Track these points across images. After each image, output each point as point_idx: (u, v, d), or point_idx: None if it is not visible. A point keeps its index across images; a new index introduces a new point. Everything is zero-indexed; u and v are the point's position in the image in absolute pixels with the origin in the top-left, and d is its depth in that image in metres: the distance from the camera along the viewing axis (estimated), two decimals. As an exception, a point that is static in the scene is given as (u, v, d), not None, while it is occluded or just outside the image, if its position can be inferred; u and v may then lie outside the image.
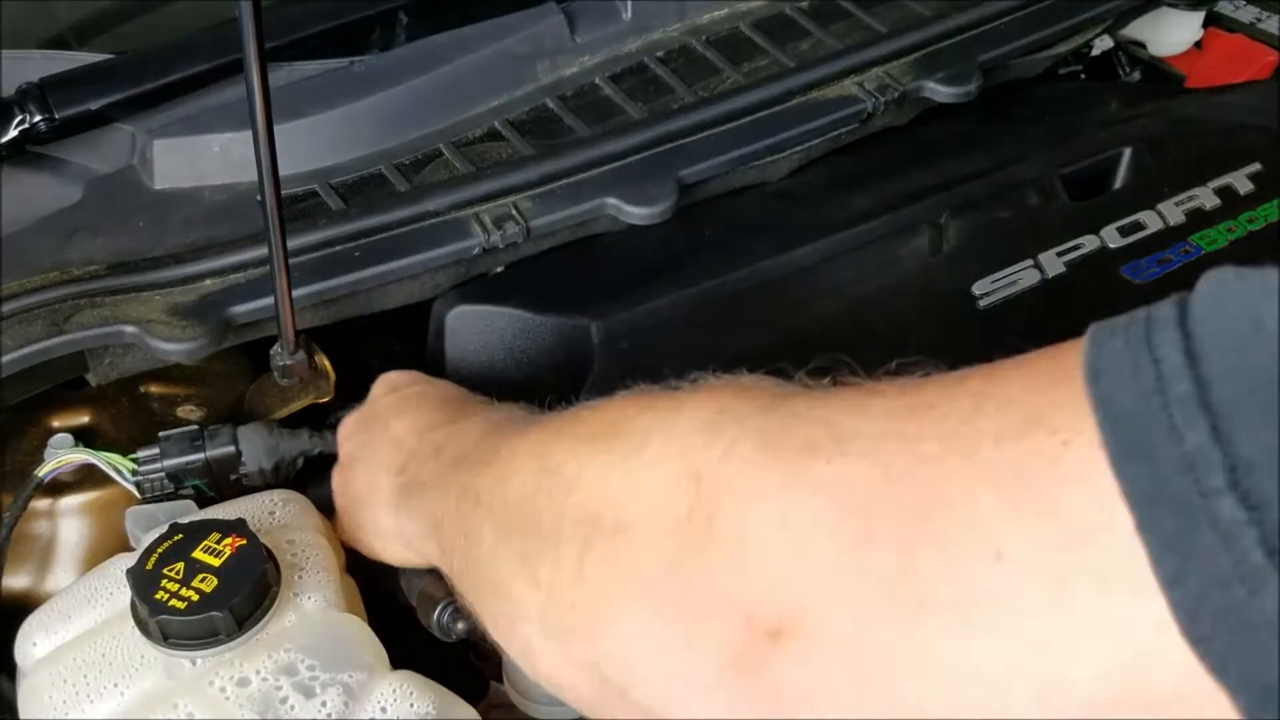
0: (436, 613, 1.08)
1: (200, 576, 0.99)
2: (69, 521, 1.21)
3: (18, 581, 1.20)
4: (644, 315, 1.18)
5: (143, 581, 0.99)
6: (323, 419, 1.40)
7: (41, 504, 1.20)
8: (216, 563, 1.00)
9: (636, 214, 1.23)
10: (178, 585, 0.99)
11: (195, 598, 0.98)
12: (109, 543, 1.21)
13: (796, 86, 1.33)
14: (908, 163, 1.38)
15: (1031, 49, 1.41)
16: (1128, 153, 1.39)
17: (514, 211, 1.22)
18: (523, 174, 1.23)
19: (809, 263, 1.23)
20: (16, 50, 1.36)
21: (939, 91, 1.34)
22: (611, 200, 1.23)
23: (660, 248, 1.26)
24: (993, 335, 1.09)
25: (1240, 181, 1.33)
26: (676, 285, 1.21)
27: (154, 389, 1.32)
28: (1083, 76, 1.71)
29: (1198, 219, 1.28)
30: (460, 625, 1.07)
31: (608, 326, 1.17)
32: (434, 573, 1.15)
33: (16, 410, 1.25)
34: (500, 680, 1.26)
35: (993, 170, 1.34)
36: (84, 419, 1.27)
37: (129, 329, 1.06)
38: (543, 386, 1.19)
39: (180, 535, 1.02)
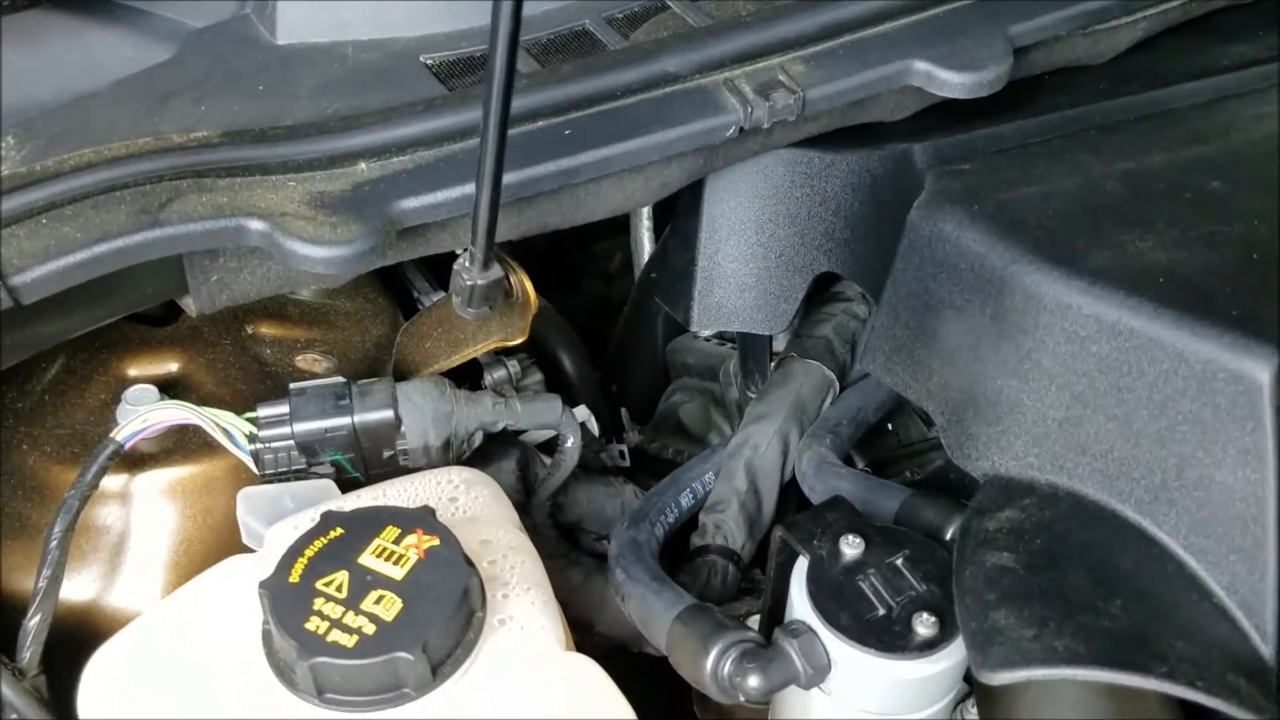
0: (714, 659, 0.72)
1: (377, 595, 0.64)
2: (149, 506, 0.88)
3: (77, 589, 0.86)
4: (981, 141, 0.92)
5: (286, 601, 0.64)
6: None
7: (112, 482, 0.87)
8: (398, 575, 0.66)
9: (956, 82, 0.90)
10: (341, 609, 0.64)
11: (370, 629, 0.63)
12: (206, 538, 0.89)
13: (1159, -80, 0.98)
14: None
15: None
16: None
17: (783, 76, 0.87)
18: (793, 24, 0.91)
19: (1200, 99, 0.96)
20: None
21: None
22: (920, 64, 0.91)
23: None
24: None
25: None
26: (1022, 112, 0.94)
27: (265, 329, 1.00)
28: None
29: None
30: (755, 682, 0.70)
31: (937, 148, 0.91)
32: (669, 583, 0.80)
33: (77, 351, 0.93)
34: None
35: None
36: (170, 366, 0.96)
37: (255, 224, 0.76)
38: (828, 251, 0.98)
39: (340, 529, 0.67)
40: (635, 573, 0.84)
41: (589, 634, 0.96)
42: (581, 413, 1.13)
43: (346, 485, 0.86)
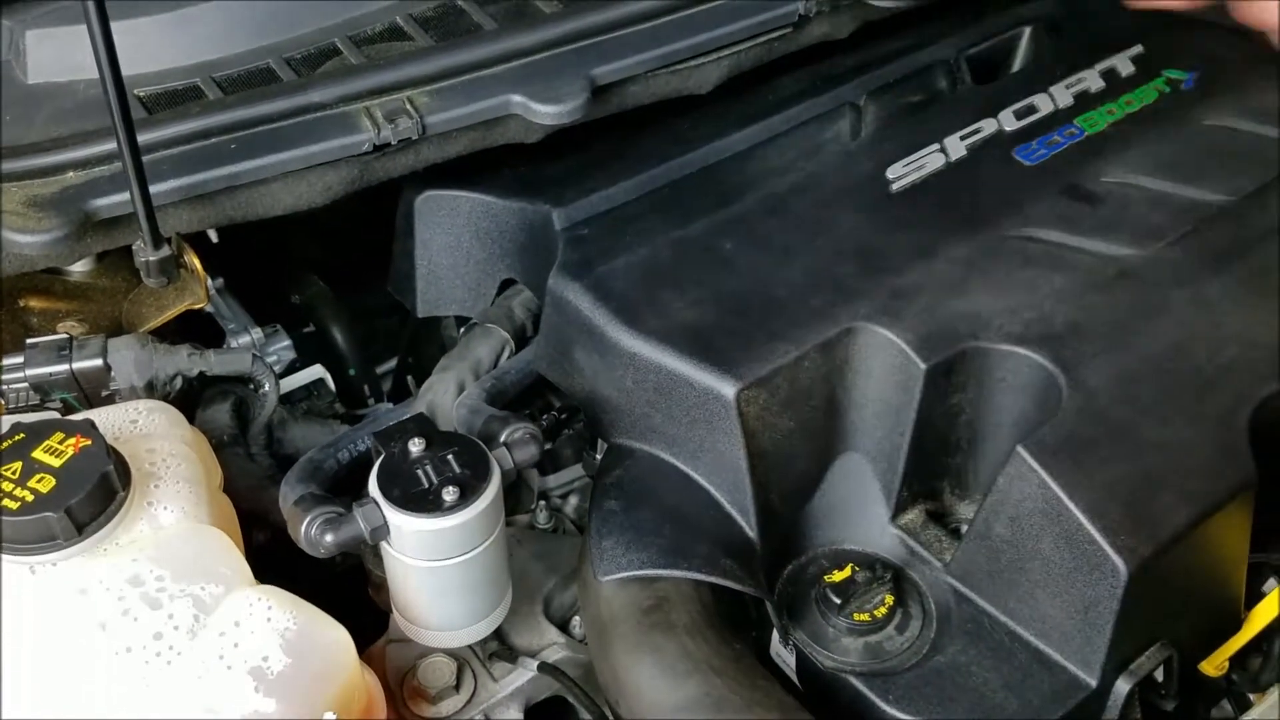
0: (305, 524, 1.00)
1: (38, 477, 0.91)
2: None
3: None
4: (599, 201, 1.22)
5: (-26, 481, 0.91)
6: (219, 339, 1.33)
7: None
8: (57, 463, 0.92)
9: (544, 112, 1.15)
10: (13, 485, 0.91)
11: (29, 498, 0.90)
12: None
13: (725, -16, 1.25)
14: (830, 46, 1.38)
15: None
16: (1027, 33, 1.48)
17: (408, 106, 1.13)
18: (420, 66, 1.16)
19: (742, 147, 1.28)
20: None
21: (883, -5, 1.27)
22: (517, 98, 1.16)
23: (608, 133, 1.27)
24: (904, 217, 1.21)
25: (1123, 64, 1.41)
26: (625, 172, 1.23)
27: (34, 303, 1.24)
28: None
29: (1083, 102, 1.36)
30: (329, 538, 0.98)
31: (568, 213, 1.20)
32: (309, 482, 1.07)
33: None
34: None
35: (906, 52, 1.40)
36: (-47, 332, 1.20)
37: (-21, 219, 0.98)
38: (507, 264, 1.29)
39: (22, 435, 0.94)
40: (290, 479, 1.10)
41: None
42: (316, 370, 1.40)
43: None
